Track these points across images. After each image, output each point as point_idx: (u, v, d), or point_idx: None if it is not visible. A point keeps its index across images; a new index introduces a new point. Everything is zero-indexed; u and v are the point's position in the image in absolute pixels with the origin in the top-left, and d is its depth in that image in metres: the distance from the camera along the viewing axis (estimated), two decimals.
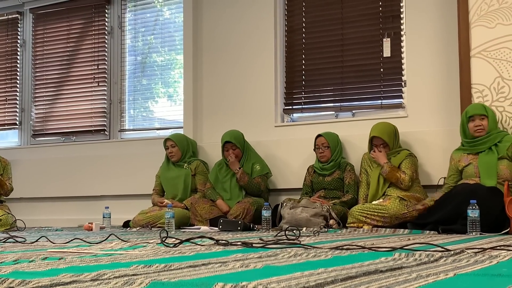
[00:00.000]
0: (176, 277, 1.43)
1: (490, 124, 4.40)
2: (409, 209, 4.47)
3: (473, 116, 4.42)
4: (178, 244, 2.67)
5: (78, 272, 1.52)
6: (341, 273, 1.49)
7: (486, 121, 4.40)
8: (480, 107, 4.44)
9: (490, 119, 4.40)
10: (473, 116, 4.42)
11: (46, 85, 7.08)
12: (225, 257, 2.05)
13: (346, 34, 5.60)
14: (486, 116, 4.40)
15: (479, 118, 4.41)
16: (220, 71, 6.04)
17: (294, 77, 5.80)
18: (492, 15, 4.66)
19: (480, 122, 4.40)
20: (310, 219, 4.53)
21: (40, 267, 1.74)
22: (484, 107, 4.44)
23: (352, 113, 5.55)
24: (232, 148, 5.33)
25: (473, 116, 4.42)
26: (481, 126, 4.40)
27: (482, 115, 4.41)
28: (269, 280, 1.35)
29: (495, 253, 2.14)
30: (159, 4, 6.67)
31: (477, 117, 4.41)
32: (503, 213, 3.97)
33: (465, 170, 4.42)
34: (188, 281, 1.34)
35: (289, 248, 2.43)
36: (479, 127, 4.40)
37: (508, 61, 4.59)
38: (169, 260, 1.92)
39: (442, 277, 1.41)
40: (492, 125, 4.41)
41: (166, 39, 6.59)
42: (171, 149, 5.59)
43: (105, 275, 1.48)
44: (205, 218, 5.08)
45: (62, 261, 1.96)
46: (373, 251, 2.29)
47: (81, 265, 1.82)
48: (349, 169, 5.10)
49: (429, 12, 5.20)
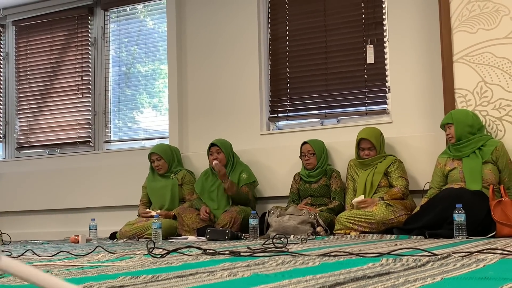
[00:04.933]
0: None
1: (458, 129, 4.44)
2: (395, 214, 4.49)
3: (444, 126, 4.56)
4: (165, 255, 2.66)
5: None
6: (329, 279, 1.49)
7: (452, 129, 4.47)
8: (447, 116, 4.56)
9: (455, 125, 4.45)
10: (444, 126, 4.56)
11: (30, 97, 7.04)
12: (213, 266, 2.05)
13: (329, 42, 5.62)
14: (452, 124, 4.47)
15: (447, 127, 4.53)
16: (205, 80, 6.04)
17: (279, 85, 5.82)
18: (474, 21, 4.70)
19: (448, 131, 4.51)
20: (298, 226, 4.53)
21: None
22: (451, 115, 4.51)
23: (337, 120, 5.57)
24: (217, 152, 5.33)
25: (444, 126, 4.56)
26: (450, 134, 4.50)
27: (448, 124, 4.51)
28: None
29: (482, 257, 2.15)
30: (142, 14, 6.67)
31: (446, 126, 4.55)
32: (489, 217, 4.00)
33: (450, 175, 4.45)
34: None
35: (277, 256, 2.43)
36: (448, 136, 4.52)
37: (490, 66, 4.64)
38: (156, 271, 1.91)
39: (429, 281, 1.41)
40: (460, 129, 4.43)
41: (150, 49, 6.58)
42: (157, 162, 5.56)
43: (92, 287, 1.47)
44: (192, 228, 5.06)
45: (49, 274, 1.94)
46: (361, 257, 2.30)
47: (68, 277, 1.80)
48: (335, 175, 5.11)
49: (412, 19, 5.24)
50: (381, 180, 4.80)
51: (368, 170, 4.88)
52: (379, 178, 4.80)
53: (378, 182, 4.79)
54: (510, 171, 4.38)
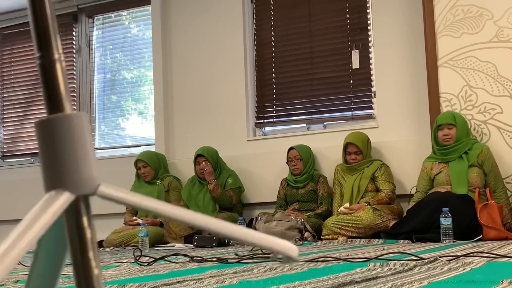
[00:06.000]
0: None
1: (459, 133, 4.45)
2: (382, 219, 4.50)
3: (442, 125, 4.48)
4: (152, 263, 2.64)
5: None
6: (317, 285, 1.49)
7: (454, 130, 4.45)
8: (449, 117, 4.50)
9: (458, 128, 4.45)
10: (442, 125, 4.48)
11: (14, 105, 6.99)
12: (200, 273, 2.04)
13: (315, 47, 5.63)
14: (454, 125, 4.46)
15: (447, 128, 4.47)
16: (191, 87, 6.03)
17: (265, 91, 5.82)
18: (458, 25, 4.73)
19: (448, 132, 4.46)
20: (285, 232, 4.52)
21: None
22: (453, 116, 4.49)
23: (324, 125, 5.58)
24: (204, 161, 5.32)
25: (442, 125, 4.48)
26: (449, 136, 4.45)
27: (450, 125, 4.46)
28: None
29: (468, 260, 2.15)
30: (127, 20, 6.65)
31: (445, 126, 4.47)
32: (475, 220, 4.01)
33: (436, 178, 4.47)
34: None
35: (265, 263, 2.42)
36: (446, 136, 4.46)
37: (474, 70, 4.66)
38: (143, 279, 1.90)
39: (416, 285, 1.41)
40: (461, 133, 4.46)
41: (135, 56, 6.56)
42: (143, 169, 5.54)
43: None
44: (179, 235, 5.04)
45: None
46: (348, 262, 2.30)
47: None
48: (322, 181, 5.11)
49: (396, 24, 5.26)
50: (368, 184, 4.81)
51: (355, 175, 4.89)
52: (366, 183, 4.81)
53: (365, 187, 4.80)
54: (496, 175, 4.40)
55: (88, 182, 0.69)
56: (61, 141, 0.68)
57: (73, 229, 0.68)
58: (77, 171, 0.68)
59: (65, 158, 0.67)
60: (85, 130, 0.71)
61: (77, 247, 0.67)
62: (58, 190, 0.67)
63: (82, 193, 0.68)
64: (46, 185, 0.68)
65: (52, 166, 0.67)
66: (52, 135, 0.68)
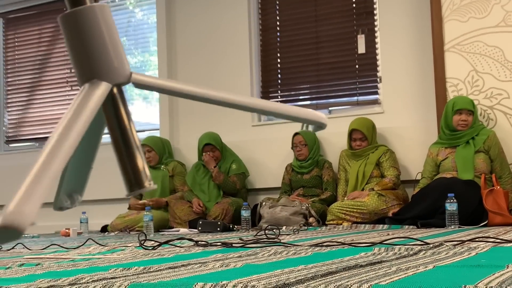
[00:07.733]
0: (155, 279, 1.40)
1: (475, 119, 4.44)
2: (387, 204, 4.49)
3: (461, 110, 4.42)
4: (157, 247, 2.64)
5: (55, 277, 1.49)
6: (321, 269, 1.48)
7: (471, 118, 4.41)
8: (469, 102, 4.43)
9: (475, 114, 4.43)
10: (461, 110, 4.42)
11: (19, 90, 6.99)
12: (205, 257, 2.03)
13: (320, 32, 5.60)
14: (473, 112, 4.42)
15: (466, 113, 4.41)
16: (195, 71, 6.01)
17: (270, 76, 5.80)
18: (465, 9, 4.69)
19: (466, 118, 4.40)
20: (290, 217, 4.52)
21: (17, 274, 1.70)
22: (472, 103, 4.45)
23: (329, 110, 5.56)
24: (212, 150, 5.31)
25: (461, 110, 4.42)
26: (466, 122, 4.40)
27: (470, 111, 4.41)
28: (250, 278, 1.33)
29: (474, 245, 2.14)
30: (131, 5, 6.62)
31: (465, 111, 4.41)
32: (481, 206, 4.00)
33: (443, 164, 4.45)
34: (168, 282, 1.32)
35: (269, 247, 2.42)
36: (464, 122, 4.40)
37: (481, 55, 4.63)
38: (148, 263, 1.90)
39: (421, 269, 1.41)
40: (475, 120, 4.44)
41: (140, 40, 6.54)
42: (147, 154, 5.53)
43: (83, 279, 1.45)
44: (184, 220, 5.05)
45: (39, 267, 1.93)
46: (353, 246, 2.29)
47: (59, 270, 1.78)
48: (327, 166, 5.10)
49: (402, 8, 5.22)
50: (373, 170, 4.80)
51: (360, 160, 4.87)
52: (371, 169, 4.80)
53: (370, 173, 4.79)
54: (502, 160, 4.38)
55: (121, 71, 0.68)
56: (89, 33, 0.67)
57: (112, 119, 0.67)
58: (110, 61, 0.67)
59: (96, 49, 0.66)
60: (111, 20, 0.70)
61: (119, 137, 0.66)
62: (93, 82, 0.65)
63: (117, 82, 0.67)
64: (79, 79, 0.67)
65: (84, 59, 0.66)
66: (79, 27, 0.66)
